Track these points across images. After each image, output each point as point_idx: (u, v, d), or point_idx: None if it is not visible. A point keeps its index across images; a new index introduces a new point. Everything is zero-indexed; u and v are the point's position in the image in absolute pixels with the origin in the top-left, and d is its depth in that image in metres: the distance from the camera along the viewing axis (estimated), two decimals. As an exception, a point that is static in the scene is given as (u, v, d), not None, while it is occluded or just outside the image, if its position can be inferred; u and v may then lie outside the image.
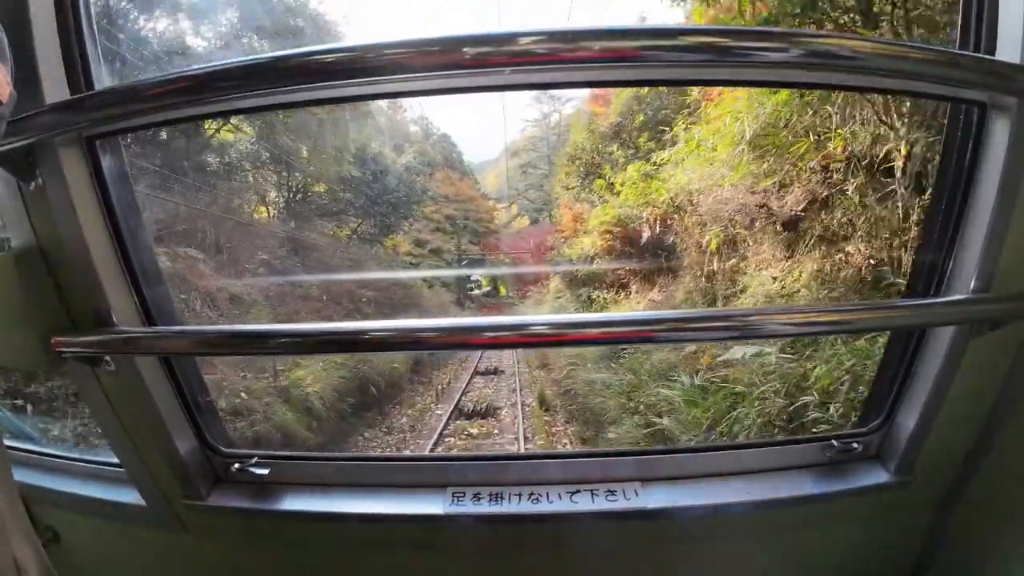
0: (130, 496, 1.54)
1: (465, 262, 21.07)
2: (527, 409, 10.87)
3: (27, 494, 1.25)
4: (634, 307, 11.67)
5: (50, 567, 1.00)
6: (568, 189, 16.93)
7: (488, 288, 22.81)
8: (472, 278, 21.94)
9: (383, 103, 19.24)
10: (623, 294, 12.91)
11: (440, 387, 12.88)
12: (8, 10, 1.06)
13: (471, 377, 13.74)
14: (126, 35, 10.71)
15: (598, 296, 13.43)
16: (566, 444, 9.10)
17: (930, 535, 1.52)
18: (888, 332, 1.54)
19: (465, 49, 0.90)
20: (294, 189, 15.56)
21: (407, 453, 9.06)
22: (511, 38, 0.91)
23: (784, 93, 7.13)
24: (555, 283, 17.08)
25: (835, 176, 6.78)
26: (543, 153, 22.99)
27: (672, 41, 0.92)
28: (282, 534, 1.57)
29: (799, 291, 6.81)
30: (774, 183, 7.77)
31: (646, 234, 11.31)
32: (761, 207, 8.00)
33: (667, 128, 11.75)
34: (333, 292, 13.27)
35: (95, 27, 1.20)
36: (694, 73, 1.32)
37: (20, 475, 1.60)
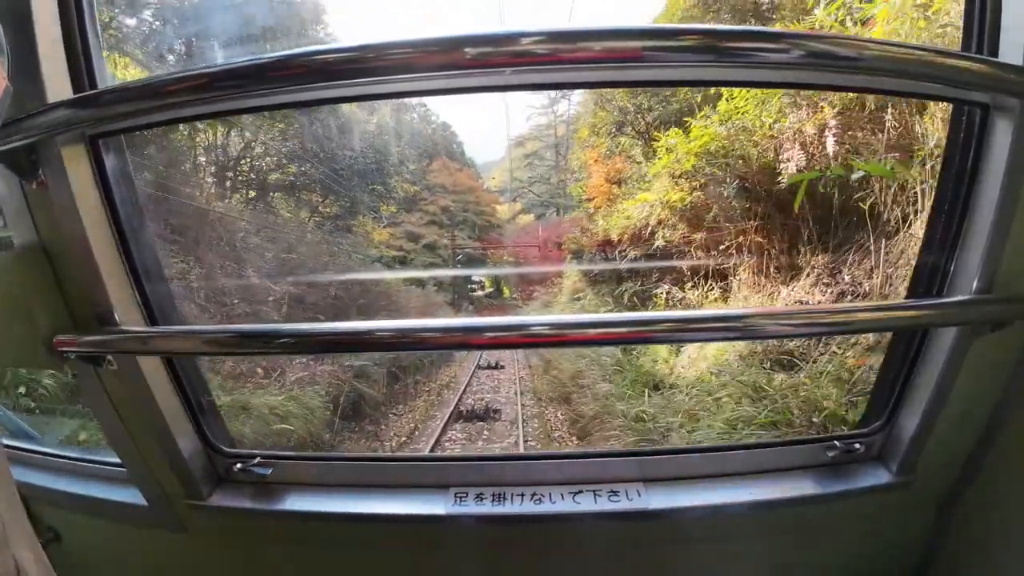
0: (132, 496, 1.54)
1: (460, 257, 19.15)
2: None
3: (28, 494, 1.25)
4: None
5: (51, 570, 1.00)
6: (592, 148, 13.03)
7: (491, 289, 20.81)
8: (473, 278, 20.09)
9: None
10: (717, 288, 7.96)
11: (397, 441, 8.44)
12: (11, 7, 1.06)
13: (446, 424, 8.87)
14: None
15: (659, 296, 9.09)
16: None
17: (932, 535, 1.52)
18: (891, 332, 1.54)
19: (466, 49, 0.90)
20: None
21: (409, 453, 8.66)
22: (512, 38, 0.90)
23: None
24: (573, 280, 13.74)
25: None
26: (550, 143, 21.42)
27: (673, 42, 0.92)
28: (284, 534, 1.56)
29: None
30: None
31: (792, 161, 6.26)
32: None
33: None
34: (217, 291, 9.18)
35: (98, 25, 1.20)
36: (695, 73, 1.32)
37: (20, 475, 1.60)
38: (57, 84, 1.13)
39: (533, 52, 0.91)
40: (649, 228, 9.34)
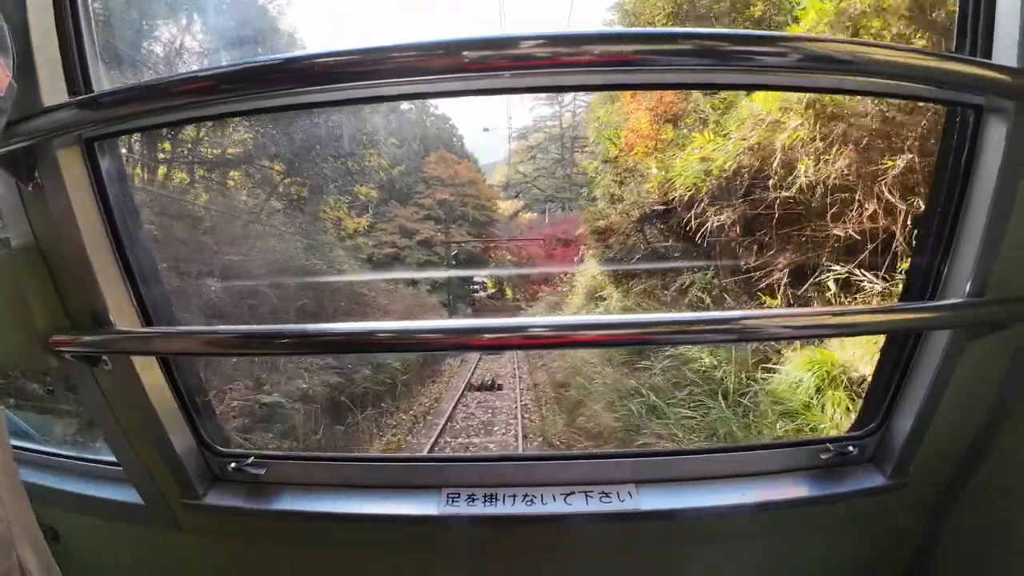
0: (128, 495, 1.54)
1: (456, 252, 17.48)
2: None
3: (26, 492, 1.25)
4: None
5: (56, 570, 1.00)
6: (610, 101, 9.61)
7: (493, 291, 18.82)
8: (475, 279, 18.27)
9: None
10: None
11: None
12: (6, 11, 1.06)
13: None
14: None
15: (797, 291, 5.62)
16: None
17: (925, 538, 1.52)
18: (885, 335, 1.55)
19: (466, 53, 0.91)
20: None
21: (402, 454, 8.29)
22: (512, 41, 0.91)
23: None
24: (591, 276, 10.73)
25: None
26: (555, 133, 19.77)
27: (671, 45, 0.93)
28: (278, 534, 1.57)
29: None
30: None
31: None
32: None
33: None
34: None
35: (94, 29, 1.20)
36: (693, 77, 1.33)
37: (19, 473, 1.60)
38: (53, 87, 1.13)
39: (532, 55, 0.91)
40: (759, 166, 5.55)
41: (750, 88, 4.78)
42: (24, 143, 1.09)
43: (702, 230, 6.68)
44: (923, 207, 4.71)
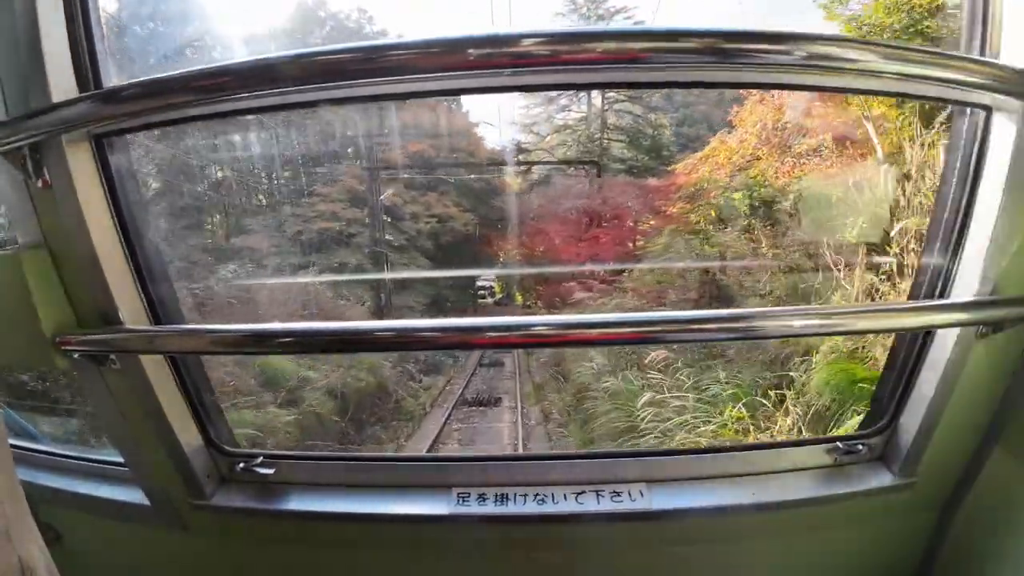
0: (134, 496, 1.54)
1: (422, 227, 11.80)
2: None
3: (29, 493, 1.25)
4: None
5: (54, 568, 1.00)
6: None
7: (501, 295, 14.37)
8: (479, 281, 14.01)
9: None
10: None
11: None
12: (16, 6, 1.06)
13: None
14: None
15: None
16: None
17: (934, 536, 1.52)
18: (893, 334, 1.54)
19: (469, 50, 0.91)
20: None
21: (412, 454, 8.57)
22: (514, 39, 0.91)
23: None
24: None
25: None
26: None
27: (673, 43, 0.92)
28: (287, 534, 1.57)
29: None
30: None
31: None
32: None
33: None
34: None
35: (103, 25, 1.20)
36: (696, 75, 1.32)
37: (22, 474, 1.58)
38: (62, 83, 1.13)
39: (534, 53, 0.91)
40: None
41: (755, 87, 4.78)
42: (32, 139, 1.09)
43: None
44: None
